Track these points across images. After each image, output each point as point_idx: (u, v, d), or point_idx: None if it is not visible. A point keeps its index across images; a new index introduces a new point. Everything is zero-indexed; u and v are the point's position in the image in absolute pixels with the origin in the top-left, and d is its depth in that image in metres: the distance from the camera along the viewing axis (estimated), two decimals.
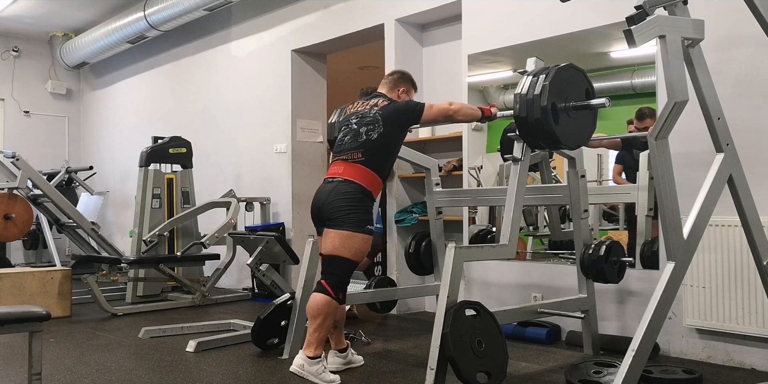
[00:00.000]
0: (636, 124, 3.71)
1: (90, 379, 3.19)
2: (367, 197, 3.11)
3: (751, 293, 3.13)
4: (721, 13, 3.20)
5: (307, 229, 5.86)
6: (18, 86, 8.75)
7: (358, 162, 3.12)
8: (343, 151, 3.18)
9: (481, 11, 4.52)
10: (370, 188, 3.11)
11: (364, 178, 3.10)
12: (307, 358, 2.98)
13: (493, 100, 4.54)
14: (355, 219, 3.04)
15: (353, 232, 3.03)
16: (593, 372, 2.97)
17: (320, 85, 6.31)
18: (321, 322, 3.01)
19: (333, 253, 3.05)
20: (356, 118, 3.24)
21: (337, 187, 3.09)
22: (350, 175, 3.10)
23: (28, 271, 4.93)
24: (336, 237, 3.05)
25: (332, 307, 3.03)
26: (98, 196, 7.56)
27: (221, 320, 4.49)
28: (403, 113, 3.18)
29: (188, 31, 7.14)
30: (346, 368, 3.27)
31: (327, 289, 3.04)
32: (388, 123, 3.15)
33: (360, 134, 3.15)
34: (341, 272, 3.07)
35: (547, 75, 2.90)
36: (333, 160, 3.25)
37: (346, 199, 3.06)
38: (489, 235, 4.46)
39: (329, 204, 3.08)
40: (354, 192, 3.07)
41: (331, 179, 3.16)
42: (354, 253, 3.05)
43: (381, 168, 3.16)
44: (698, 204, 2.45)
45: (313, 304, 3.04)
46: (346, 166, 3.13)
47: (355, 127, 3.20)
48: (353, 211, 3.04)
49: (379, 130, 3.13)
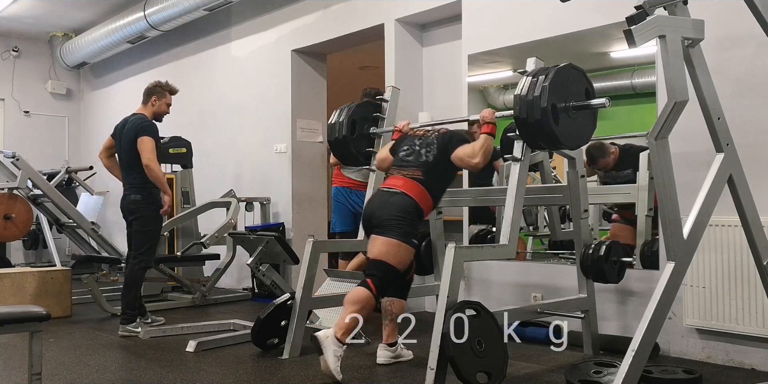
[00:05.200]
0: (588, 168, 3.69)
1: (90, 379, 3.19)
2: (418, 214, 3.27)
3: (751, 293, 3.12)
4: (721, 13, 3.20)
5: (307, 229, 5.87)
6: (18, 86, 8.75)
7: (417, 180, 3.28)
8: (406, 167, 3.35)
9: (481, 11, 4.52)
10: (423, 206, 3.26)
11: (419, 195, 3.25)
12: (337, 341, 3.02)
13: (493, 100, 4.54)
14: (404, 230, 3.18)
15: (400, 242, 3.17)
16: (593, 372, 2.97)
17: (320, 85, 6.31)
18: (356, 309, 3.10)
19: (379, 258, 3.19)
20: (419, 140, 3.43)
21: (393, 198, 3.25)
22: (408, 189, 3.25)
23: (28, 271, 4.92)
24: (384, 244, 3.18)
25: (370, 302, 3.15)
26: (98, 196, 7.56)
27: (221, 320, 4.48)
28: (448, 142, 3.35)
29: (188, 31, 7.13)
30: (394, 362, 3.36)
31: (371, 286, 3.16)
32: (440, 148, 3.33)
33: (421, 155, 3.35)
34: (384, 275, 3.19)
35: (547, 75, 2.90)
36: (392, 174, 3.41)
37: (401, 210, 3.20)
38: (489, 235, 4.46)
39: (383, 212, 3.22)
40: (409, 206, 3.22)
41: (388, 189, 3.31)
42: (398, 262, 3.19)
43: (435, 190, 3.33)
44: (698, 204, 2.45)
45: (354, 294, 3.15)
46: (406, 181, 3.29)
47: (417, 148, 3.39)
48: (404, 223, 3.19)
49: (433, 152, 3.32)
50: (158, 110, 4.47)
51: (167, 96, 4.50)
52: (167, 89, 4.51)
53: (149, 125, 4.34)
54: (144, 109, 4.46)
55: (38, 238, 7.82)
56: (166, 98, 4.49)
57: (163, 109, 4.49)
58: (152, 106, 4.46)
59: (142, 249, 4.31)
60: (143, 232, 4.32)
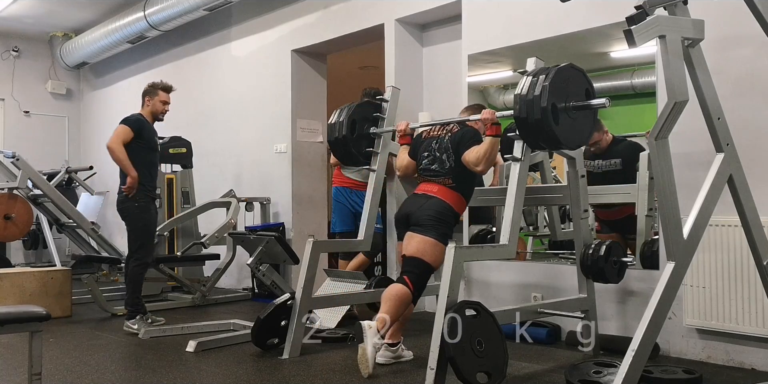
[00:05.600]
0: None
1: (90, 379, 3.19)
2: (455, 217, 3.36)
3: (751, 293, 3.12)
4: (721, 13, 3.20)
5: (307, 229, 5.87)
6: (18, 86, 8.75)
7: (450, 187, 3.36)
8: (436, 177, 3.42)
9: (481, 11, 4.52)
10: (458, 210, 3.37)
11: (454, 200, 3.34)
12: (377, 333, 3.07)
13: (493, 100, 4.54)
14: (441, 231, 3.26)
15: (437, 241, 3.22)
16: (593, 372, 2.97)
17: (320, 85, 6.30)
18: (392, 304, 3.15)
19: (416, 255, 3.26)
20: (436, 143, 3.47)
21: (431, 201, 3.33)
22: (444, 195, 3.34)
23: (28, 271, 4.93)
24: (421, 242, 3.25)
25: (407, 298, 3.21)
26: (98, 196, 7.56)
27: (221, 320, 4.48)
28: (459, 143, 3.37)
29: (188, 31, 7.13)
30: (395, 362, 3.35)
31: (408, 282, 3.23)
32: (455, 152, 3.37)
33: (444, 162, 3.40)
34: (421, 272, 3.26)
35: (547, 75, 2.89)
36: (424, 181, 3.47)
37: (439, 212, 3.29)
38: (489, 235, 4.46)
39: (423, 212, 3.29)
40: (446, 209, 3.31)
41: (423, 194, 3.39)
42: (434, 260, 3.25)
43: (467, 191, 3.43)
44: (698, 204, 2.45)
45: (391, 290, 3.22)
46: (440, 188, 3.37)
47: (438, 154, 3.44)
48: (442, 224, 3.27)
49: (452, 157, 3.37)
50: (154, 109, 4.49)
51: (159, 94, 4.50)
52: (159, 87, 4.52)
53: (129, 116, 4.42)
54: (142, 111, 4.51)
55: (38, 238, 7.82)
56: (159, 96, 4.49)
57: (158, 107, 4.49)
58: (147, 106, 4.50)
59: (134, 247, 4.39)
60: (132, 231, 4.40)
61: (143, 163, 4.36)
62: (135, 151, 4.34)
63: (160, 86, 4.53)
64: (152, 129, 4.51)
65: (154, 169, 4.53)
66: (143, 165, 4.36)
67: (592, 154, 3.88)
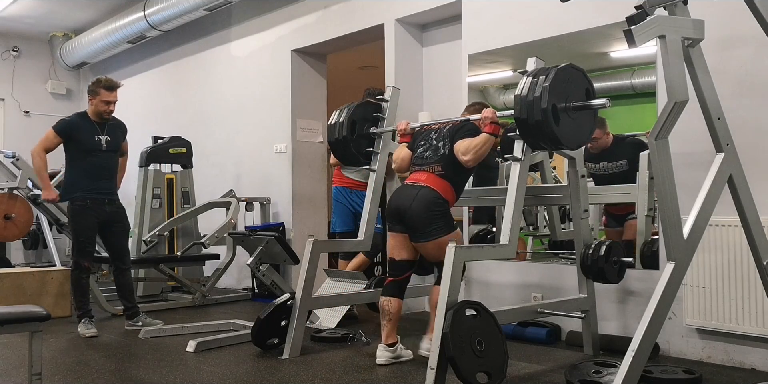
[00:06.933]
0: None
1: (90, 379, 3.19)
2: (446, 203, 3.33)
3: (751, 293, 3.12)
4: (721, 13, 3.20)
5: (307, 229, 5.87)
6: (18, 86, 8.75)
7: (439, 174, 3.33)
8: (426, 164, 3.40)
9: (481, 11, 4.52)
10: (447, 197, 3.32)
11: (442, 187, 3.31)
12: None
13: (493, 100, 4.54)
14: (442, 224, 3.26)
15: (447, 235, 3.23)
16: (593, 372, 2.97)
17: (320, 85, 6.31)
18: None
19: (440, 259, 3.19)
20: (435, 133, 3.48)
21: (420, 193, 3.29)
22: (432, 183, 3.31)
23: (28, 271, 4.93)
24: (434, 247, 3.25)
25: None
26: None
27: (221, 320, 4.48)
28: (456, 132, 3.38)
29: (188, 31, 7.14)
30: (394, 362, 3.34)
31: None
32: (452, 140, 3.36)
33: (438, 149, 3.39)
34: None
35: (547, 76, 2.89)
36: (414, 170, 3.46)
37: (429, 207, 3.26)
38: (489, 235, 4.46)
39: (415, 213, 3.26)
40: (435, 198, 3.28)
41: (413, 184, 3.36)
42: None
43: (457, 183, 3.38)
44: (698, 204, 2.45)
45: (435, 296, 3.12)
46: (429, 176, 3.34)
47: (434, 142, 3.44)
48: (439, 219, 3.26)
49: (448, 145, 3.36)
50: (95, 109, 4.29)
51: (101, 93, 4.28)
52: (101, 85, 4.30)
53: (62, 118, 4.38)
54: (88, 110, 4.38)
55: (38, 238, 7.82)
56: (101, 95, 4.27)
57: (100, 107, 4.27)
58: (90, 105, 4.35)
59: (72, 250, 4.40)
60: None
61: (80, 167, 4.26)
62: (71, 153, 4.31)
63: (102, 84, 4.30)
64: (91, 128, 4.28)
65: (97, 170, 4.30)
66: (80, 168, 4.26)
67: (597, 156, 3.86)
